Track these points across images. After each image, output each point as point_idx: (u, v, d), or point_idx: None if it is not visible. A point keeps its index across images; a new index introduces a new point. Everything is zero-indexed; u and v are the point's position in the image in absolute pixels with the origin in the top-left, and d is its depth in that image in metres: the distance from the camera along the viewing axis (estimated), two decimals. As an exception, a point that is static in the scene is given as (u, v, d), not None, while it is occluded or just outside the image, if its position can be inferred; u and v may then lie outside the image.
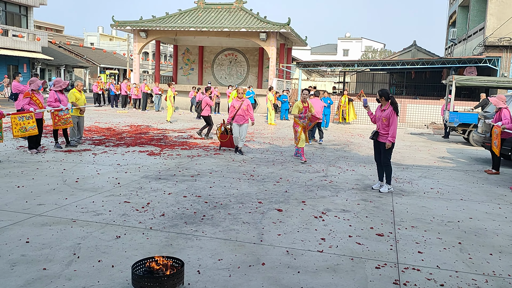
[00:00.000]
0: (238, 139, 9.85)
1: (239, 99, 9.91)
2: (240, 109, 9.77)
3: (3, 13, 31.22)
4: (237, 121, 9.83)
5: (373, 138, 6.94)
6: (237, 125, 9.85)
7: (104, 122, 15.83)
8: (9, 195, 5.73)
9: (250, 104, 10.02)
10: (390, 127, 6.61)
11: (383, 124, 6.71)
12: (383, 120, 6.68)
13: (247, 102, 9.92)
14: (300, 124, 9.32)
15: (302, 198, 6.23)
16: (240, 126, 9.84)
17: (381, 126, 6.76)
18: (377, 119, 6.90)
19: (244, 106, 9.79)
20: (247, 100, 10.00)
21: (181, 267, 3.31)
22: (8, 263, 3.63)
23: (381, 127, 6.75)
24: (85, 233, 4.42)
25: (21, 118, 8.27)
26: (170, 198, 5.89)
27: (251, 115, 9.93)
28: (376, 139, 6.89)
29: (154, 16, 26.30)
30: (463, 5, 26.84)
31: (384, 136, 6.73)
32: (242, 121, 9.83)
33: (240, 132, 9.83)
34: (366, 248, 4.33)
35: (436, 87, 26.49)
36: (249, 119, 9.94)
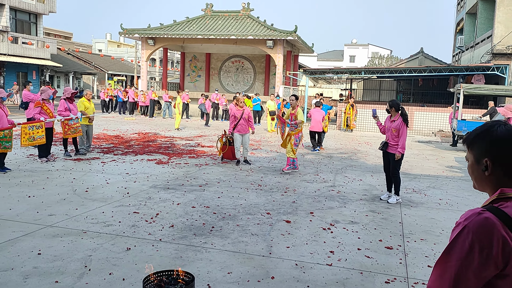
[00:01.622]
0: (239, 150, 9.74)
1: (240, 108, 9.72)
2: (241, 118, 9.63)
3: (13, 21, 31.68)
4: (239, 131, 9.62)
5: (382, 149, 6.93)
6: (239, 135, 9.64)
7: (112, 130, 15.95)
8: (21, 205, 5.80)
9: (250, 113, 9.97)
10: (400, 138, 6.62)
11: (392, 135, 6.72)
12: (393, 131, 6.69)
13: (248, 111, 9.81)
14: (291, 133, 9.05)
15: (310, 209, 6.24)
16: (242, 136, 9.67)
17: (390, 137, 6.77)
18: (386, 129, 6.91)
19: (245, 116, 9.67)
20: (248, 109, 9.93)
21: (191, 281, 3.33)
22: (21, 275, 3.68)
23: (391, 138, 6.77)
24: (95, 244, 4.47)
25: (31, 128, 8.37)
26: (178, 209, 5.93)
27: (251, 124, 9.83)
28: (385, 150, 6.89)
29: (162, 24, 26.53)
30: (471, 12, 26.79)
31: (393, 147, 6.74)
32: (245, 130, 9.67)
33: (244, 142, 9.69)
34: (375, 262, 4.33)
35: (444, 94, 26.40)
36: (250, 128, 9.80)
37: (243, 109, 9.74)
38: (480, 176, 1.43)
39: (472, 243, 1.28)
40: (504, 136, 1.37)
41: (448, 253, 1.33)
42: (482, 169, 1.41)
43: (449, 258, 1.32)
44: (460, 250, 1.30)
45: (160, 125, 19.09)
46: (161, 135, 14.91)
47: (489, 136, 1.40)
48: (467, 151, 1.49)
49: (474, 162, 1.45)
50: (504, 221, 1.28)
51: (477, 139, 1.43)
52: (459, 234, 1.32)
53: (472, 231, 1.29)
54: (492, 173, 1.40)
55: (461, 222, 1.34)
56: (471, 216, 1.32)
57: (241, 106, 9.77)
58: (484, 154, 1.40)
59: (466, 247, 1.29)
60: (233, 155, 9.96)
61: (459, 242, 1.31)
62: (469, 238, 1.29)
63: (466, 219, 1.32)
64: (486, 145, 1.40)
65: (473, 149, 1.45)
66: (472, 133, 1.47)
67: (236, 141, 9.71)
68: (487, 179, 1.42)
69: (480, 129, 1.44)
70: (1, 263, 3.93)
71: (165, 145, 12.31)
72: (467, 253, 1.29)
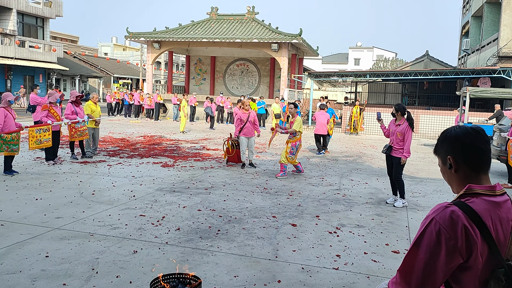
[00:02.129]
0: (244, 153, 9.75)
1: (246, 111, 9.73)
2: (248, 121, 9.66)
3: (20, 25, 31.95)
4: (245, 134, 9.66)
5: (386, 152, 6.91)
6: (245, 138, 9.67)
7: (118, 133, 16.02)
8: (28, 207, 5.84)
9: (256, 116, 9.98)
10: (405, 143, 6.60)
11: (397, 139, 6.70)
12: (398, 134, 6.67)
13: (253, 114, 9.84)
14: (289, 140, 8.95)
15: (315, 212, 6.23)
16: (248, 139, 9.70)
17: (395, 141, 6.75)
18: (390, 133, 6.88)
19: (251, 119, 9.70)
20: (253, 112, 9.93)
21: (199, 285, 3.34)
22: (29, 278, 3.71)
23: (395, 142, 6.75)
24: (102, 247, 4.49)
25: (38, 131, 8.43)
26: (184, 212, 5.94)
27: (257, 127, 9.87)
28: (389, 154, 6.86)
29: (167, 27, 26.66)
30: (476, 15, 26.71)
31: (398, 150, 6.71)
32: (251, 133, 9.71)
33: (249, 145, 9.72)
34: (382, 266, 4.32)
35: (450, 97, 26.29)
36: (255, 131, 9.85)
37: (249, 112, 9.75)
38: (449, 175, 1.57)
39: (439, 234, 1.38)
40: (458, 134, 1.53)
41: (417, 245, 1.42)
42: (448, 167, 1.55)
43: (418, 250, 1.42)
44: (428, 241, 1.40)
45: (166, 128, 19.16)
46: (166, 138, 14.96)
47: (447, 138, 1.57)
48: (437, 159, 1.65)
49: (442, 164, 1.60)
50: (469, 215, 1.39)
51: (439, 143, 1.61)
52: (427, 226, 1.42)
53: (439, 223, 1.39)
54: (457, 169, 1.53)
55: (429, 215, 1.44)
56: (439, 210, 1.43)
57: (247, 109, 9.77)
58: (446, 153, 1.56)
59: (434, 237, 1.39)
60: (239, 158, 9.95)
61: (427, 233, 1.41)
62: (436, 229, 1.39)
63: (434, 212, 1.43)
64: (446, 145, 1.57)
65: (439, 153, 1.61)
66: (436, 142, 1.65)
67: (242, 144, 9.72)
68: (455, 177, 1.55)
69: (440, 136, 1.63)
70: (9, 265, 3.96)
71: (171, 148, 12.34)
72: (435, 244, 1.38)
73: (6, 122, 7.73)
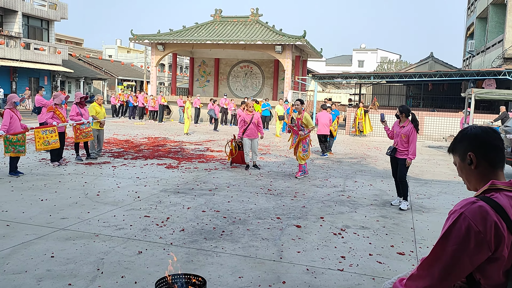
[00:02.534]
0: (248, 154, 9.73)
1: (249, 113, 9.74)
2: (251, 123, 9.65)
3: (25, 27, 32.16)
4: (249, 135, 9.67)
5: (390, 154, 6.84)
6: (248, 140, 9.69)
7: (122, 134, 16.07)
8: (33, 208, 5.86)
9: (260, 118, 9.96)
10: (410, 145, 6.55)
11: (402, 141, 6.64)
12: (402, 136, 6.61)
13: (257, 115, 9.81)
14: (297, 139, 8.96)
15: (320, 214, 6.22)
16: (252, 141, 9.71)
17: (399, 143, 6.69)
18: (395, 135, 6.81)
19: (255, 120, 9.68)
20: (257, 113, 9.90)
21: (203, 285, 3.34)
22: (34, 278, 3.72)
23: (400, 144, 6.69)
24: (107, 248, 4.49)
25: (44, 132, 8.47)
26: (189, 213, 5.94)
27: (260, 129, 9.82)
28: (393, 155, 6.81)
29: (171, 30, 26.74)
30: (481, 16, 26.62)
31: (403, 152, 6.66)
32: (254, 135, 9.71)
33: (253, 147, 9.72)
34: (387, 268, 4.30)
35: (454, 99, 26.20)
36: (259, 133, 9.81)
37: (253, 114, 9.75)
38: (468, 171, 1.63)
39: (468, 228, 1.43)
40: (477, 133, 1.61)
41: (445, 238, 1.48)
42: (468, 163, 1.61)
43: (446, 242, 1.48)
44: (457, 235, 1.45)
45: (170, 129, 19.20)
46: (170, 140, 14.98)
47: (466, 136, 1.64)
48: (453, 158, 1.71)
49: (460, 161, 1.66)
50: (495, 209, 1.45)
51: (457, 142, 1.67)
52: (456, 220, 1.47)
53: (468, 217, 1.44)
54: (477, 166, 1.59)
55: (457, 210, 1.49)
56: (467, 205, 1.48)
57: (250, 111, 9.77)
58: (466, 150, 1.61)
59: (463, 232, 1.44)
60: (243, 159, 9.94)
61: (456, 227, 1.46)
62: (466, 224, 1.44)
63: (462, 207, 1.48)
64: (465, 143, 1.62)
65: (457, 152, 1.67)
66: (453, 141, 1.72)
67: (246, 146, 9.71)
68: (475, 173, 1.61)
69: (457, 135, 1.69)
70: (15, 265, 3.97)
71: (175, 150, 12.36)
72: (464, 238, 1.44)
73: (12, 124, 7.78)
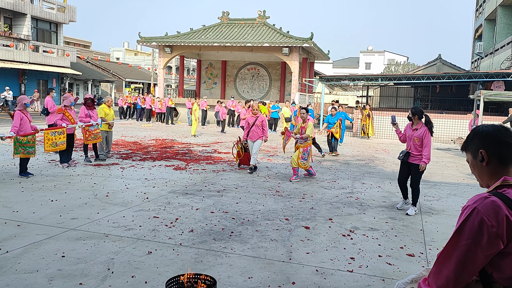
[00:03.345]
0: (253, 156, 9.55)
1: (254, 115, 9.66)
2: (254, 125, 9.53)
3: (34, 30, 32.48)
4: (250, 137, 9.62)
5: (403, 159, 6.50)
6: (251, 141, 9.64)
7: (130, 136, 16.16)
8: (44, 208, 5.91)
9: (264, 120, 9.77)
10: (424, 148, 6.23)
11: (415, 144, 6.32)
12: (415, 140, 6.30)
13: (262, 118, 9.67)
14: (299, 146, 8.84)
15: (328, 215, 6.20)
16: (253, 143, 9.61)
17: (412, 147, 6.37)
18: (407, 138, 6.51)
19: (258, 123, 9.54)
20: (262, 116, 9.76)
21: (213, 285, 3.35)
22: (46, 278, 3.75)
23: (413, 148, 6.37)
24: (117, 248, 4.52)
25: (53, 133, 8.55)
26: (198, 214, 5.96)
27: (265, 132, 9.65)
28: (406, 160, 6.50)
29: (178, 32, 26.86)
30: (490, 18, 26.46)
31: (416, 157, 6.35)
32: (256, 137, 9.59)
33: (253, 147, 9.59)
34: (397, 269, 4.28)
35: (463, 101, 26.04)
36: (263, 136, 9.62)
37: (257, 116, 9.65)
38: (480, 168, 1.67)
39: (481, 223, 1.48)
40: (489, 130, 1.65)
41: (459, 232, 1.53)
42: (479, 160, 1.65)
43: (460, 237, 1.52)
44: (470, 229, 1.50)
45: (177, 131, 19.26)
46: (178, 142, 15.03)
47: (478, 133, 1.68)
48: (466, 155, 1.76)
49: (473, 159, 1.70)
50: (508, 204, 1.49)
51: (470, 140, 1.71)
52: (469, 215, 1.51)
53: (481, 212, 1.49)
54: (489, 163, 1.63)
55: (470, 205, 1.53)
56: (479, 200, 1.52)
57: (255, 113, 9.68)
58: (478, 148, 1.66)
59: (476, 226, 1.48)
60: (249, 160, 9.86)
61: (470, 222, 1.50)
62: (479, 218, 1.48)
63: (475, 202, 1.52)
64: (477, 141, 1.67)
65: (469, 149, 1.71)
66: (466, 139, 1.77)
67: (250, 147, 9.66)
68: (486, 170, 1.65)
69: (470, 133, 1.74)
70: (27, 265, 4.01)
71: (182, 151, 12.40)
72: (477, 232, 1.48)
73: (22, 125, 7.85)
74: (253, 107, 9.75)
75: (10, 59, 29.28)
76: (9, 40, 29.41)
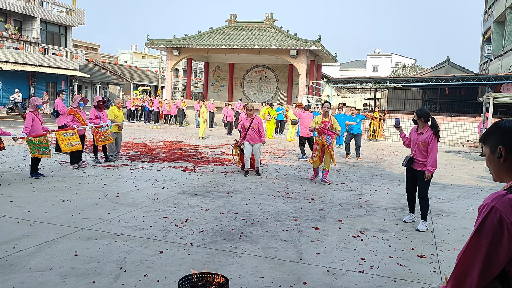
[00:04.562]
0: (248, 160, 9.32)
1: (249, 118, 9.38)
2: (250, 128, 9.28)
3: (43, 33, 32.82)
4: (248, 140, 9.34)
5: (406, 166, 5.94)
6: (249, 144, 9.35)
7: (138, 138, 16.26)
8: (55, 208, 5.97)
9: (260, 122, 9.44)
10: (429, 154, 5.67)
11: (420, 149, 5.77)
12: (420, 144, 5.75)
13: (257, 120, 9.37)
14: (319, 142, 8.65)
15: (338, 216, 6.20)
16: (252, 146, 9.35)
17: (417, 152, 5.81)
18: (412, 143, 5.97)
19: (254, 125, 9.28)
20: (258, 118, 9.43)
21: (226, 284, 3.36)
22: (59, 276, 3.79)
23: (418, 153, 5.80)
24: (129, 247, 4.55)
25: (65, 134, 8.63)
26: (207, 215, 5.98)
27: (261, 134, 9.40)
28: (410, 167, 5.94)
29: (186, 35, 27.00)
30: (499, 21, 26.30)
31: (422, 164, 5.78)
32: (254, 140, 9.34)
33: (254, 152, 9.33)
34: (408, 270, 4.26)
35: (471, 104, 25.88)
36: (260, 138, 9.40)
37: (253, 118, 9.36)
38: (497, 164, 1.65)
39: (501, 220, 1.48)
40: (511, 126, 1.62)
41: (479, 232, 1.52)
42: (497, 156, 1.62)
43: (480, 236, 1.52)
44: (490, 227, 1.49)
45: (185, 133, 19.34)
46: (186, 144, 15.10)
47: (499, 129, 1.65)
48: (483, 148, 1.74)
49: (490, 153, 1.68)
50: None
51: (490, 133, 1.69)
52: (488, 213, 1.51)
53: (500, 210, 1.48)
54: (506, 159, 1.61)
55: (488, 204, 1.52)
56: (497, 198, 1.51)
57: (250, 115, 9.40)
58: (497, 143, 1.63)
59: (495, 224, 1.48)
60: (252, 164, 9.57)
61: (489, 220, 1.50)
62: (497, 216, 1.48)
63: (493, 201, 1.51)
64: (497, 136, 1.64)
65: (488, 143, 1.69)
66: (485, 131, 1.74)
67: (246, 150, 9.33)
68: (504, 166, 1.63)
69: (491, 127, 1.72)
70: (40, 263, 4.05)
71: (191, 153, 12.45)
72: (497, 230, 1.48)
73: (34, 126, 7.94)
74: (247, 107, 9.44)
75: (20, 61, 29.61)
76: (19, 43, 29.75)
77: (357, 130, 13.06)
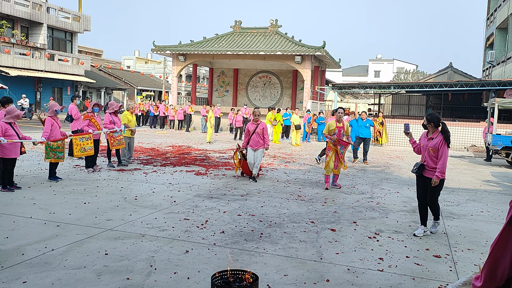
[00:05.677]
0: (253, 165, 9.27)
1: (254, 122, 9.40)
2: (255, 133, 9.25)
3: (50, 39, 33.17)
4: (251, 145, 9.29)
5: (417, 173, 5.74)
6: (252, 149, 9.30)
7: (147, 143, 16.46)
8: (78, 210, 6.16)
9: (266, 127, 9.43)
10: (439, 160, 5.48)
11: (430, 155, 5.59)
12: (430, 150, 5.57)
13: (263, 125, 9.36)
14: (332, 148, 8.65)
15: (352, 218, 6.37)
16: (255, 151, 9.28)
17: (428, 158, 5.62)
18: (422, 149, 5.78)
19: (259, 130, 9.26)
20: (263, 123, 9.42)
21: (256, 280, 3.54)
22: (94, 273, 3.97)
23: (429, 159, 5.61)
24: (155, 247, 4.73)
25: (81, 139, 8.84)
26: (226, 217, 6.16)
27: (266, 140, 9.36)
28: (421, 174, 5.74)
29: (192, 41, 27.29)
30: (501, 27, 26.53)
31: (432, 171, 5.58)
32: (257, 145, 9.28)
33: (255, 157, 9.24)
34: (425, 269, 4.43)
35: (475, 109, 26.06)
36: (264, 144, 9.34)
37: (258, 123, 9.37)
38: None
39: None
40: None
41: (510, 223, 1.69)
42: None
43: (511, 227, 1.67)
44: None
45: (192, 138, 19.54)
46: (194, 148, 15.29)
47: None
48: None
49: None
50: None
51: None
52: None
53: None
54: None
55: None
56: None
57: (255, 120, 9.43)
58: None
59: None
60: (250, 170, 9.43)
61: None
62: None
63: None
64: None
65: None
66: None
67: (249, 156, 9.32)
68: None
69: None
70: (73, 261, 4.23)
71: (200, 158, 12.64)
72: None
73: (52, 131, 8.14)
74: (255, 113, 9.45)
75: (26, 67, 29.92)
76: (25, 49, 30.08)
77: (367, 135, 13.22)
